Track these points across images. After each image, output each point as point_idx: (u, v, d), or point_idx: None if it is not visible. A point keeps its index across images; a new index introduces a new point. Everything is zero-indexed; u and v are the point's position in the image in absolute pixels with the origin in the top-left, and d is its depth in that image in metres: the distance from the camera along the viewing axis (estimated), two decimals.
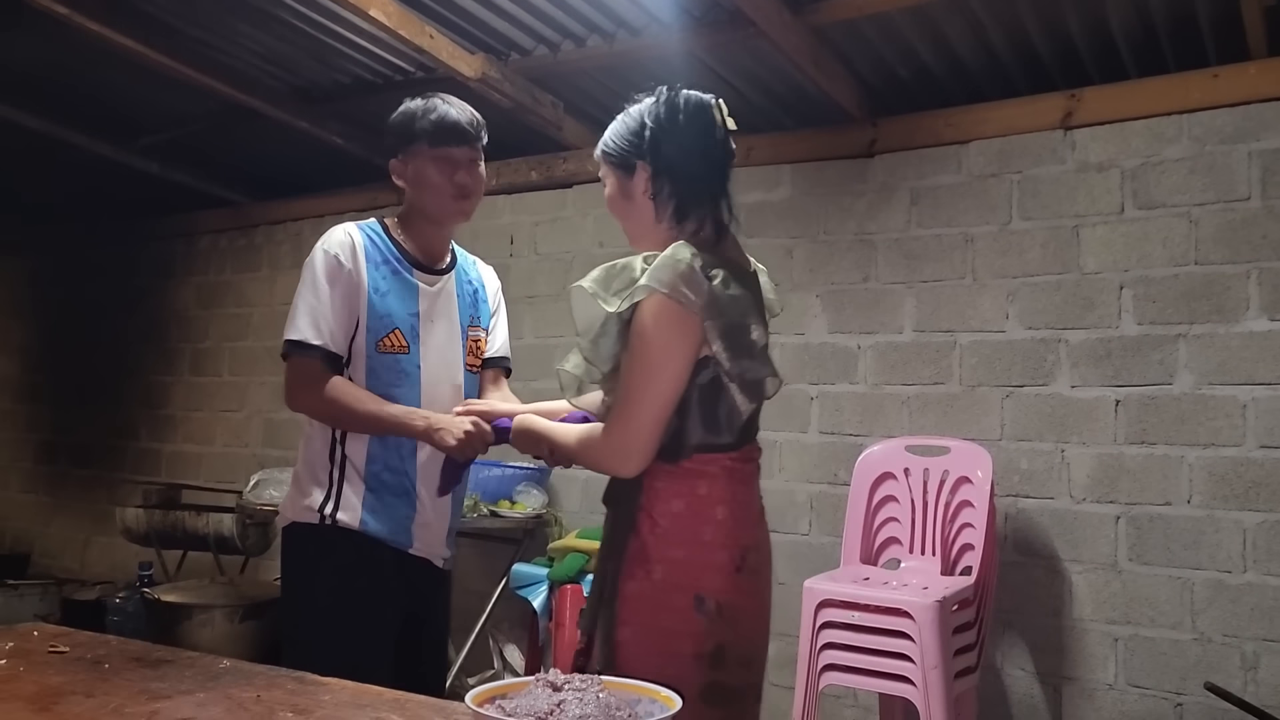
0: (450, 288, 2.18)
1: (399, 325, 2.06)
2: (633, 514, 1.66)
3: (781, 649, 3.72)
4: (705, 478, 1.65)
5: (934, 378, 3.57)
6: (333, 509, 2.03)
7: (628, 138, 1.76)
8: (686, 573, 1.62)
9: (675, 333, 1.59)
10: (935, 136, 3.63)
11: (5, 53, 4.19)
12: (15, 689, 1.41)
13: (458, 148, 2.07)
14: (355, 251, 2.04)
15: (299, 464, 2.12)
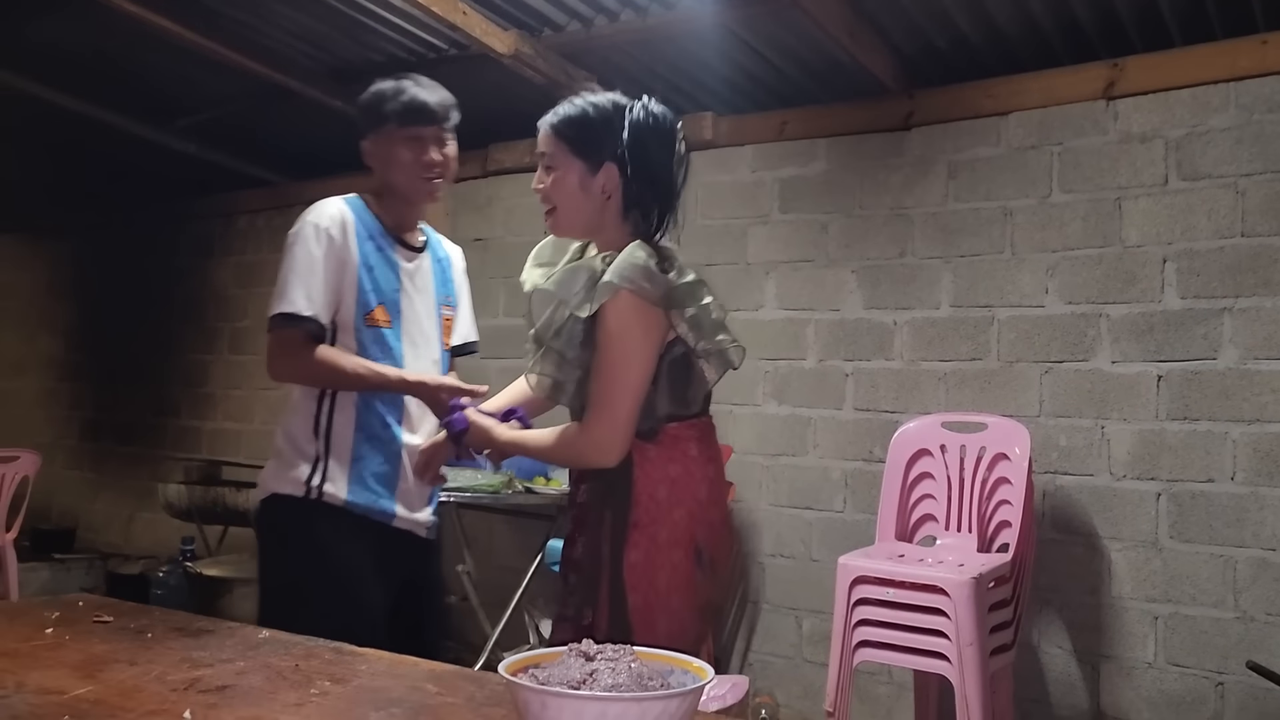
0: (426, 265, 2.22)
1: (384, 300, 2.10)
2: (627, 487, 1.72)
3: (815, 625, 3.73)
4: (691, 441, 1.76)
5: (971, 354, 3.53)
6: (319, 482, 2.06)
7: (598, 134, 1.79)
8: (687, 530, 1.72)
9: (642, 327, 1.69)
10: (973, 108, 3.57)
11: (46, 35, 4.24)
12: (61, 657, 1.44)
13: (426, 127, 2.09)
14: (346, 226, 2.06)
15: (281, 437, 2.12)
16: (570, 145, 1.80)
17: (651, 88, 4.29)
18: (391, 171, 2.11)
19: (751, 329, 3.99)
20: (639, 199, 1.80)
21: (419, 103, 2.08)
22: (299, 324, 2.01)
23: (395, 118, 2.07)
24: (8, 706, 1.19)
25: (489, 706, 1.24)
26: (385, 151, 2.10)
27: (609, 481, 1.75)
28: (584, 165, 1.79)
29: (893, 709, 3.56)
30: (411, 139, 2.08)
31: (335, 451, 2.07)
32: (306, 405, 2.10)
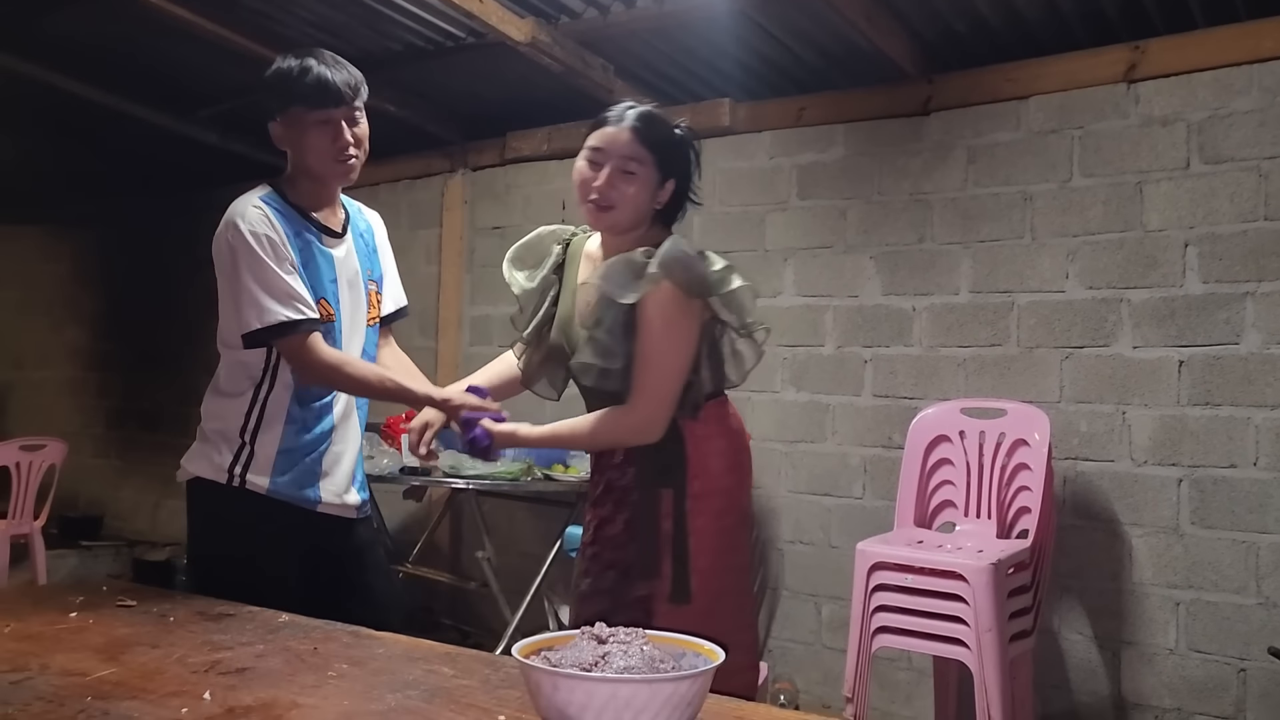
0: (351, 246, 2.17)
1: (325, 294, 2.06)
2: (681, 464, 1.84)
3: (835, 612, 3.73)
4: (728, 414, 1.94)
5: (991, 339, 3.51)
6: (241, 471, 2.03)
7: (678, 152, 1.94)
8: (736, 497, 1.90)
9: (683, 315, 1.81)
10: (993, 92, 3.54)
11: (69, 27, 4.28)
12: (85, 640, 1.47)
13: (336, 109, 2.01)
14: (275, 227, 2.00)
15: (207, 418, 2.09)
16: (656, 158, 1.90)
17: (668, 74, 4.31)
18: (304, 155, 2.04)
19: (770, 316, 3.98)
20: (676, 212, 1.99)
21: (327, 83, 1.99)
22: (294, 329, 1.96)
23: (303, 100, 1.99)
24: (32, 687, 1.22)
25: (503, 688, 1.26)
26: (296, 135, 2.03)
27: (663, 461, 1.84)
28: (659, 178, 1.91)
29: (912, 695, 3.56)
30: (322, 121, 2.00)
31: (262, 442, 2.04)
32: (242, 392, 2.06)
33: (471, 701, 1.20)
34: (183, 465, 2.11)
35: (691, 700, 1.05)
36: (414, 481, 3.96)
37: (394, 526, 4.80)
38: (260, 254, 1.96)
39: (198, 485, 2.08)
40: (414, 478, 3.90)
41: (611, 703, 1.00)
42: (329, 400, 2.11)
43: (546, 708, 1.05)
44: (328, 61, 2.02)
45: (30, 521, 4.71)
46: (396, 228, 5.18)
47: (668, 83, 4.13)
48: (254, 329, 1.96)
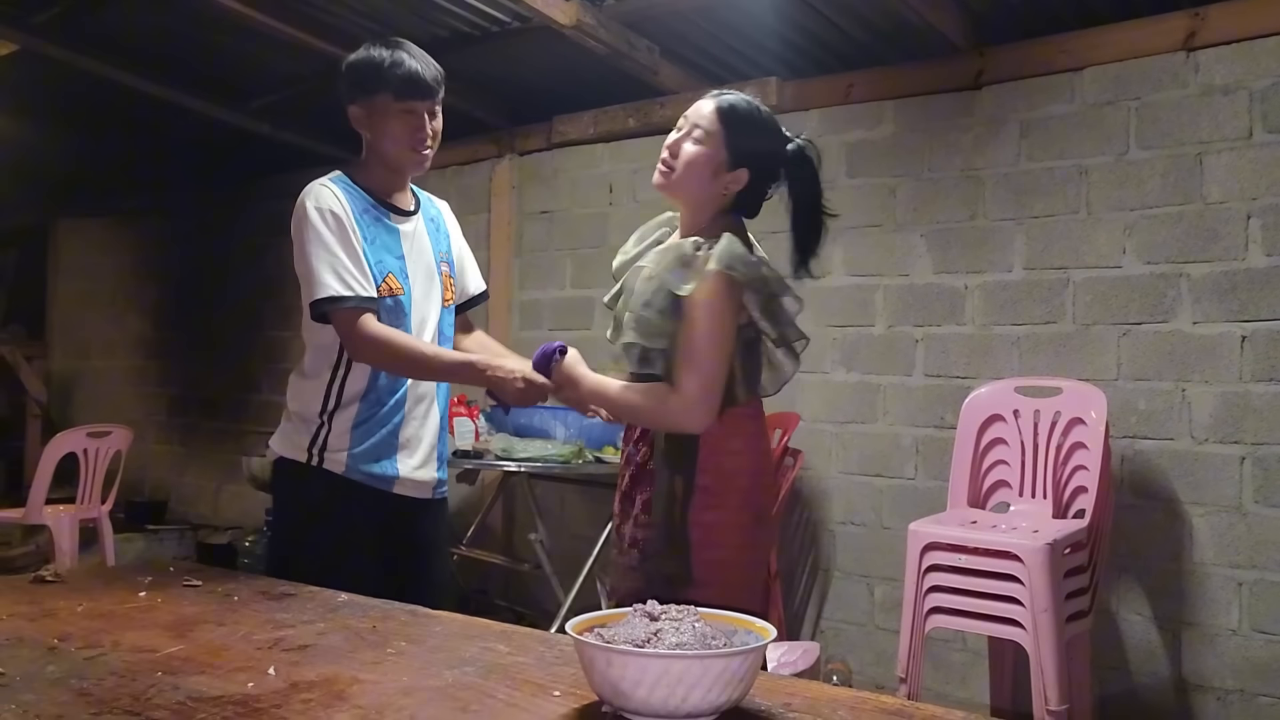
0: (421, 227, 2.22)
1: (391, 269, 2.10)
2: (693, 461, 1.83)
3: (887, 593, 3.71)
4: (751, 419, 1.90)
5: (1045, 317, 3.46)
6: (321, 447, 2.09)
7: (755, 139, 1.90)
8: (750, 495, 1.86)
9: (730, 304, 1.80)
10: (1047, 64, 3.48)
11: (125, 22, 4.37)
12: (154, 618, 1.52)
13: (422, 101, 2.08)
14: (343, 202, 2.06)
15: (291, 400, 2.16)
16: (727, 133, 1.88)
17: (714, 54, 4.28)
18: (384, 141, 2.10)
19: (819, 296, 3.96)
20: (753, 204, 1.95)
21: (417, 76, 2.05)
22: (345, 303, 2.00)
23: (392, 89, 2.05)
24: (106, 663, 1.26)
25: (558, 665, 1.27)
26: (379, 121, 2.09)
27: (673, 451, 1.84)
28: (727, 156, 1.88)
29: (967, 676, 3.54)
30: (406, 112, 2.07)
31: (339, 419, 2.09)
32: (322, 371, 2.11)
33: (527, 678, 1.22)
34: (270, 446, 2.20)
35: (743, 676, 1.05)
36: (467, 465, 4.01)
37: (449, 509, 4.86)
38: (323, 229, 2.02)
39: (281, 465, 2.15)
40: (467, 461, 3.95)
41: (664, 678, 1.01)
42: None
43: (600, 683, 1.07)
44: (417, 55, 2.08)
45: (98, 506, 4.85)
46: None
47: (713, 63, 4.11)
48: (310, 299, 2.02)
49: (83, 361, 7.52)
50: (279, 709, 1.09)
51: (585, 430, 3.93)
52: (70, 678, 1.19)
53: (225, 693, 1.15)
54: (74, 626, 1.45)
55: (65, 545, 4.64)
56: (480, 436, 4.07)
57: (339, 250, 2.01)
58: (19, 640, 1.36)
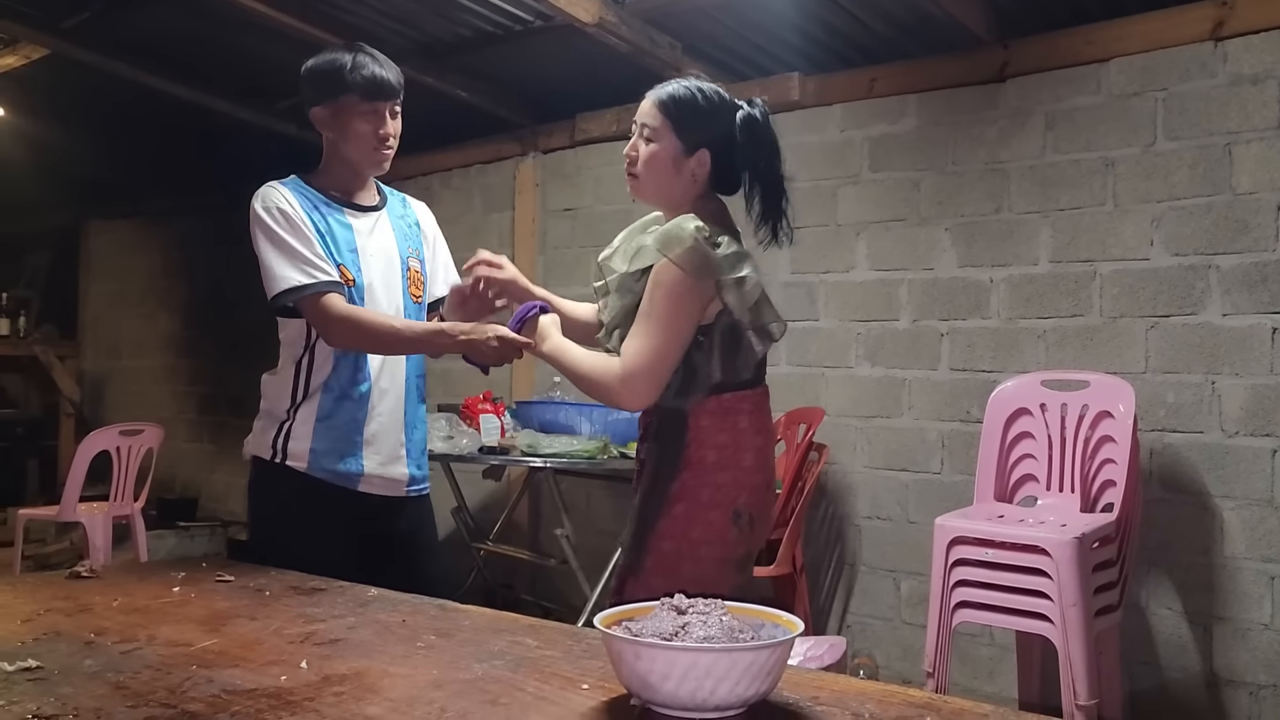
0: (384, 222, 2.23)
1: (343, 260, 2.11)
2: (679, 449, 1.84)
3: (914, 587, 3.71)
4: (743, 413, 1.87)
5: (1072, 310, 3.44)
6: (284, 443, 2.11)
7: (703, 123, 1.90)
8: (728, 493, 1.83)
9: (677, 295, 1.78)
10: (1072, 56, 3.45)
11: (153, 26, 4.42)
12: (187, 613, 1.54)
13: (385, 102, 2.13)
14: (290, 200, 2.10)
15: (263, 399, 2.20)
16: (673, 123, 1.89)
17: (736, 50, 4.28)
18: (347, 141, 2.14)
19: (842, 291, 3.96)
20: (722, 185, 1.94)
21: (380, 78, 2.11)
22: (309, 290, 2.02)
23: (358, 90, 2.09)
24: (140, 657, 1.28)
25: (586, 659, 1.28)
26: (342, 121, 2.13)
27: (664, 441, 1.86)
28: (681, 145, 1.89)
29: (995, 671, 3.53)
30: (370, 112, 2.12)
31: (303, 414, 2.12)
32: (288, 366, 2.15)
33: (555, 671, 1.23)
34: (245, 444, 2.23)
35: (771, 670, 1.06)
36: (493, 461, 4.03)
37: (474, 505, 4.89)
38: (272, 225, 2.07)
39: (253, 463, 2.19)
40: (493, 457, 3.97)
41: (692, 671, 1.02)
42: (365, 368, 2.15)
43: (628, 676, 1.07)
44: (379, 58, 2.14)
45: (131, 503, 4.91)
46: (470, 212, 5.29)
47: (736, 59, 4.11)
48: (271, 295, 2.06)
49: (114, 361, 7.62)
50: (311, 702, 1.11)
51: (610, 426, 3.94)
52: (107, 671, 1.22)
53: (259, 686, 1.16)
54: (110, 621, 1.47)
55: (99, 542, 4.71)
56: (506, 433, 4.10)
57: (293, 241, 2.05)
58: (57, 635, 1.39)
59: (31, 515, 5.08)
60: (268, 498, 2.18)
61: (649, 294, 1.80)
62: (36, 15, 4.43)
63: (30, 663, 1.22)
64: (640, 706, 1.08)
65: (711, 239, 1.80)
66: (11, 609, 1.55)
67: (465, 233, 5.28)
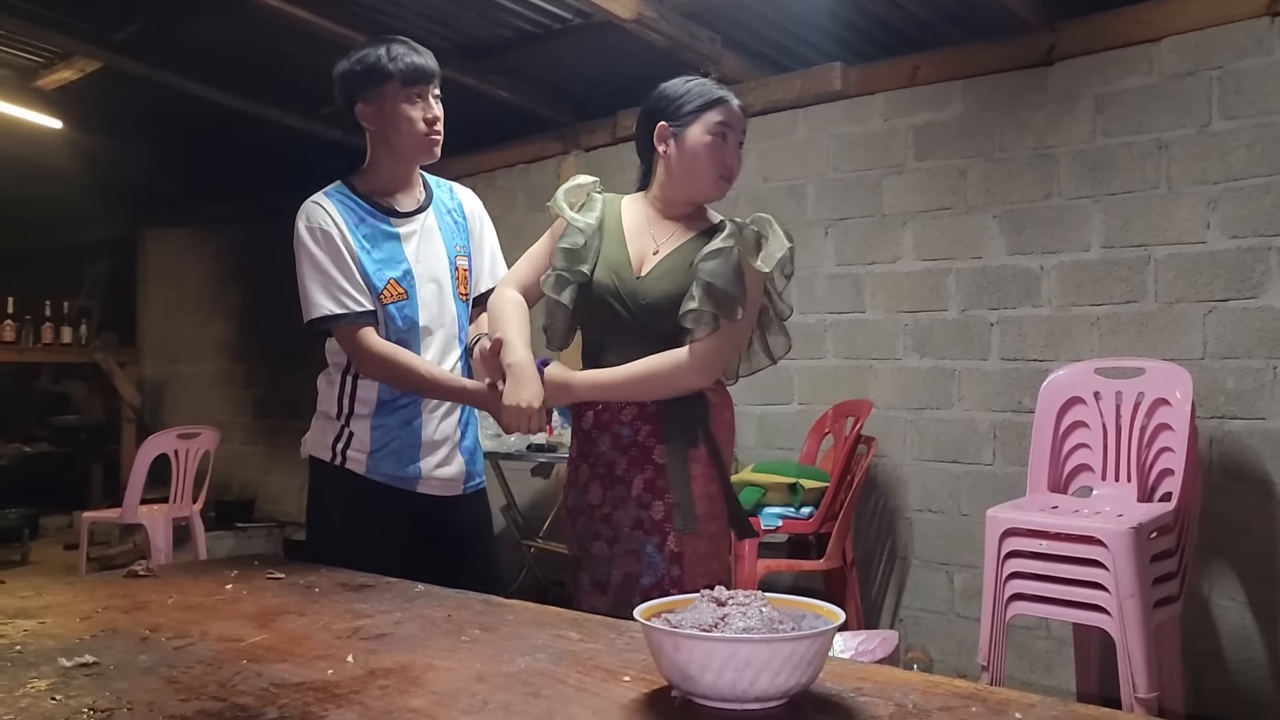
0: (430, 223, 2.20)
1: (393, 275, 2.10)
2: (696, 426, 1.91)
3: (967, 580, 3.66)
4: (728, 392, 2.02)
5: (1126, 296, 3.37)
6: (344, 448, 2.13)
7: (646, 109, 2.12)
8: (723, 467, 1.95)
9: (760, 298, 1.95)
10: (1122, 36, 3.38)
11: (200, 36, 4.50)
12: (240, 609, 1.57)
13: (427, 85, 2.12)
14: (334, 218, 2.09)
15: (319, 401, 2.21)
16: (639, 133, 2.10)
17: (777, 42, 4.25)
18: (396, 132, 2.11)
19: (889, 282, 3.91)
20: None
21: (419, 62, 2.10)
22: (340, 321, 2.05)
23: (400, 76, 2.07)
24: (194, 652, 1.31)
25: (628, 651, 1.28)
26: (389, 110, 2.10)
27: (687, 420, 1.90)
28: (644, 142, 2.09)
29: (1052, 664, 3.47)
30: (417, 95, 2.10)
31: (358, 420, 2.13)
32: (335, 371, 2.18)
33: (598, 664, 1.23)
34: (303, 443, 2.26)
35: (811, 660, 1.05)
36: (541, 459, 4.05)
37: (524, 503, 4.92)
38: (313, 248, 2.08)
39: (312, 463, 2.21)
40: (541, 455, 3.99)
41: (731, 662, 1.01)
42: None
43: (669, 668, 1.07)
44: (412, 44, 2.14)
45: (190, 505, 5.02)
46: (514, 211, 5.31)
47: (776, 50, 4.08)
48: (307, 320, 2.10)
49: (172, 366, 7.79)
50: (357, 694, 1.12)
51: None
52: (160, 666, 1.24)
53: (306, 679, 1.18)
54: (164, 618, 1.50)
55: (160, 543, 4.81)
56: (554, 431, 4.12)
57: (331, 268, 2.06)
58: (113, 631, 1.42)
59: (95, 518, 5.22)
60: (326, 499, 2.19)
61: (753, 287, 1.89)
62: (88, 29, 4.54)
63: (87, 658, 1.25)
64: (681, 698, 1.08)
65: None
66: (71, 607, 1.59)
67: (510, 232, 5.29)
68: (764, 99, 4.17)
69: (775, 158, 4.24)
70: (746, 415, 4.21)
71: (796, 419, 4.13)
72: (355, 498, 2.13)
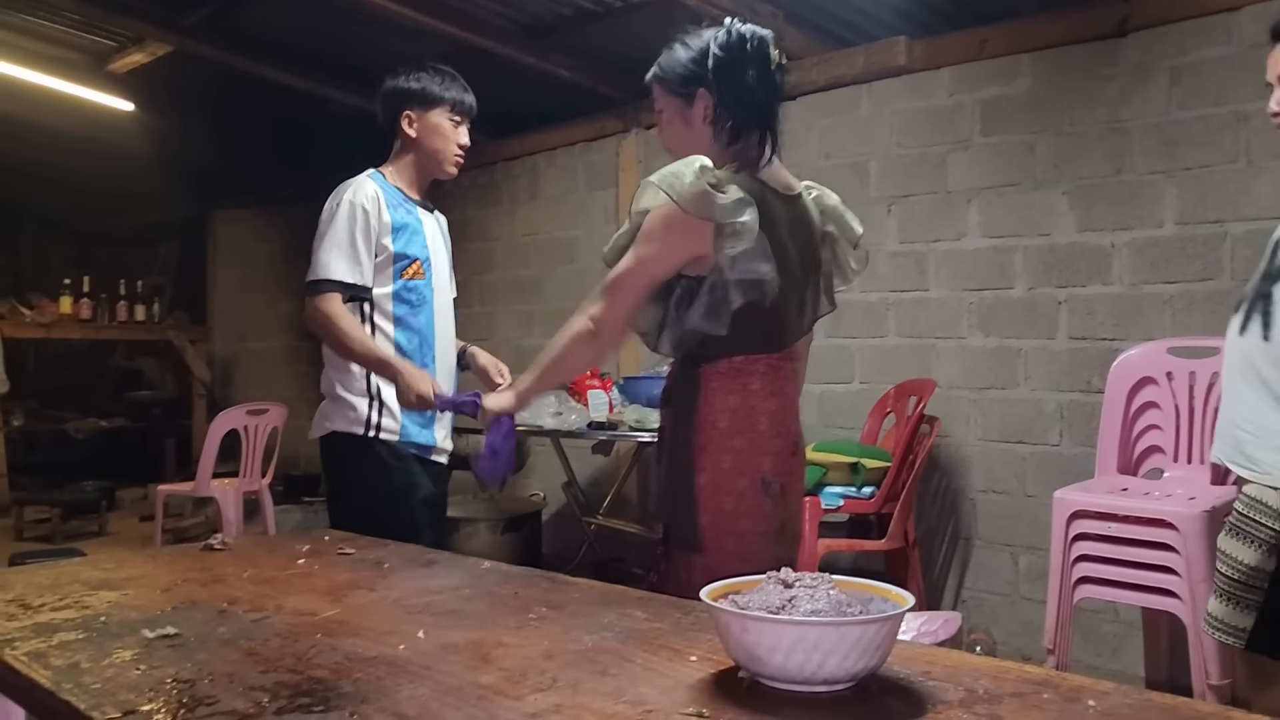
0: (435, 225, 2.59)
1: (418, 255, 2.47)
2: (693, 413, 1.80)
3: (1032, 562, 3.61)
4: (754, 375, 1.80)
5: (1201, 274, 3.27)
6: (378, 420, 2.41)
7: (689, 66, 1.84)
8: (749, 460, 1.78)
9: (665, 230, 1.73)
10: (1199, 5, 3.27)
11: (268, 19, 4.57)
12: (311, 583, 1.61)
13: (467, 119, 2.52)
14: (379, 199, 2.42)
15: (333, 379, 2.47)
16: (665, 86, 1.88)
17: (840, 16, 4.18)
18: (432, 143, 2.48)
19: (953, 259, 3.85)
20: (730, 118, 1.82)
21: (468, 99, 2.51)
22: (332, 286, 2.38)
23: (450, 104, 2.48)
24: (269, 625, 1.35)
25: (694, 631, 1.29)
26: (434, 125, 2.48)
27: (678, 406, 1.84)
28: (680, 100, 1.86)
29: (1119, 648, 3.41)
30: (457, 124, 2.51)
31: (386, 394, 2.39)
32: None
33: (664, 643, 1.24)
34: (316, 423, 2.48)
35: (880, 644, 1.05)
36: (601, 436, 4.08)
37: (584, 480, 4.96)
38: (347, 217, 2.38)
39: (335, 439, 2.44)
40: (601, 433, 4.02)
41: (800, 644, 1.01)
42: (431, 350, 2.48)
43: (736, 649, 1.08)
44: (463, 83, 2.53)
45: (259, 479, 5.14)
46: (574, 190, 5.33)
47: (839, 24, 4.02)
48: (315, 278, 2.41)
49: (240, 344, 7.96)
50: (429, 670, 1.15)
51: None
52: (239, 638, 1.28)
53: (379, 654, 1.21)
54: (241, 591, 1.55)
55: (231, 516, 4.94)
56: (614, 408, 4.14)
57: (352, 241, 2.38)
58: (193, 604, 1.46)
59: (170, 491, 5.37)
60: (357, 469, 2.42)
61: (642, 227, 1.77)
62: (160, 13, 4.63)
63: (169, 630, 1.29)
64: (749, 679, 1.08)
65: (718, 183, 1.71)
66: (151, 579, 1.64)
67: (571, 211, 5.34)
68: (827, 74, 4.12)
69: (837, 134, 4.19)
70: (806, 394, 4.17)
71: (857, 398, 4.10)
72: (389, 468, 2.41)
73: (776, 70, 1.84)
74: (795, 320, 1.87)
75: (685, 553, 1.80)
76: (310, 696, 1.05)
